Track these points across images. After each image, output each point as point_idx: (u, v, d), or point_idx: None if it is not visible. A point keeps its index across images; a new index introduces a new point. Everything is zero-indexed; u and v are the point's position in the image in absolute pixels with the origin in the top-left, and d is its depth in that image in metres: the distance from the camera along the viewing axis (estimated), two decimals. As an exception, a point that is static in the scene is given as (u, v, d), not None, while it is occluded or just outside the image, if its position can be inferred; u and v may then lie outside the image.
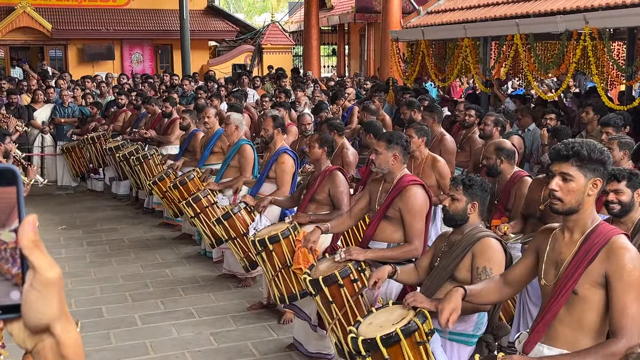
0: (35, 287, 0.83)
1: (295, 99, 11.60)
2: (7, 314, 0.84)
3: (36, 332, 0.86)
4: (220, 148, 7.98)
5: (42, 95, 12.17)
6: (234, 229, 6.33)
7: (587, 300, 2.80)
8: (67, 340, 0.87)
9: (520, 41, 9.64)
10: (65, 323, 0.87)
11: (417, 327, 3.15)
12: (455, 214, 3.75)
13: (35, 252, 0.83)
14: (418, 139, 5.92)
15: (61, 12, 20.20)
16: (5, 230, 0.83)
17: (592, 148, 2.78)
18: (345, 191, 5.42)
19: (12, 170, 0.85)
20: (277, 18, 23.92)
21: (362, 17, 20.76)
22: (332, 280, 4.25)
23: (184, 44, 19.15)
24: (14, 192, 0.84)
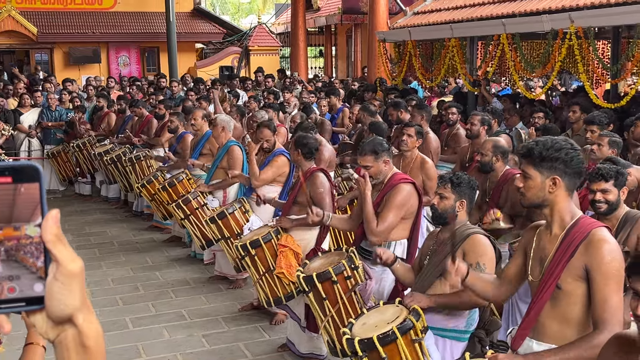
0: (59, 279, 0.87)
1: (284, 100, 11.62)
2: (31, 306, 0.87)
3: (59, 323, 0.90)
4: (209, 150, 7.97)
5: (29, 99, 12.09)
6: (227, 229, 6.34)
7: (571, 295, 2.83)
8: (89, 331, 0.90)
9: (506, 41, 9.71)
10: (87, 314, 0.90)
11: (412, 325, 3.17)
12: (444, 212, 3.78)
13: (58, 246, 0.86)
14: (416, 140, 5.96)
15: (47, 16, 20.09)
16: (30, 225, 0.86)
17: (546, 147, 2.83)
18: (326, 192, 5.39)
19: (35, 167, 0.88)
20: (263, 20, 23.89)
21: (349, 18, 20.80)
22: (325, 276, 4.27)
23: (171, 46, 19.10)
24: (37, 188, 0.87)
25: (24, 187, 0.86)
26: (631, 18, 7.94)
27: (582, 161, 2.85)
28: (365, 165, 4.61)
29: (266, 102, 10.54)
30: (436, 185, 5.84)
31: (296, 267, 5.37)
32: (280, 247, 5.46)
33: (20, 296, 0.86)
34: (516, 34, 9.56)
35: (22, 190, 0.86)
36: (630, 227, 3.81)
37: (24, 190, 0.86)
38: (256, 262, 5.49)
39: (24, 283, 0.86)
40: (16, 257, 0.86)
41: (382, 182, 4.65)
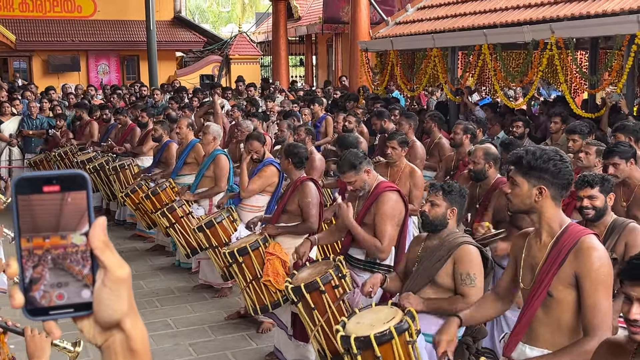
0: (107, 285, 0.88)
1: (267, 109, 11.64)
2: (80, 312, 0.89)
3: (107, 328, 0.91)
4: (194, 159, 7.97)
5: (9, 107, 11.98)
6: (215, 238, 6.33)
7: (562, 302, 2.88)
8: (136, 335, 0.92)
9: (487, 51, 9.83)
10: (134, 319, 0.92)
11: (408, 326, 3.22)
12: (435, 219, 3.83)
13: (106, 252, 0.88)
14: (401, 150, 6.01)
15: (25, 23, 19.94)
16: (76, 233, 0.88)
17: (535, 157, 2.90)
18: (314, 202, 5.43)
19: (82, 175, 0.89)
20: (243, 29, 23.92)
21: (330, 28, 20.90)
22: (313, 286, 4.30)
23: (151, 54, 19.08)
24: (84, 197, 0.89)
25: (71, 196, 0.88)
26: (610, 29, 8.10)
27: (570, 173, 2.90)
28: (349, 181, 4.69)
29: (250, 112, 10.55)
30: (422, 194, 5.93)
31: (283, 275, 5.39)
32: (268, 255, 5.49)
33: (68, 302, 0.88)
34: (497, 44, 9.69)
35: (70, 199, 0.88)
36: (618, 234, 3.89)
37: (71, 199, 0.88)
38: (243, 269, 5.50)
39: (71, 290, 0.88)
40: (63, 266, 0.87)
41: (368, 192, 4.71)
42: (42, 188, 0.87)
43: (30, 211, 0.86)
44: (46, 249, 0.87)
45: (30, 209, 0.86)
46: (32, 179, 0.87)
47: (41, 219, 0.86)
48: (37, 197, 0.87)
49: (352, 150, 5.03)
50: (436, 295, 3.78)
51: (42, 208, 0.87)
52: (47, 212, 0.87)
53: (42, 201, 0.87)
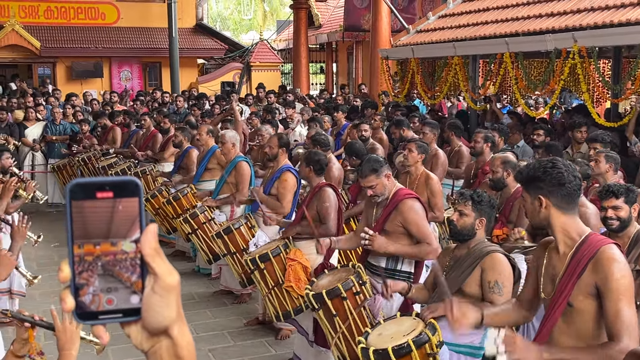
0: (157, 292, 0.89)
1: (286, 116, 11.69)
2: (128, 317, 0.90)
3: (154, 334, 0.92)
4: (217, 164, 8.01)
5: (33, 113, 12.15)
6: (233, 244, 6.36)
7: (583, 312, 2.86)
8: (183, 342, 0.92)
9: (509, 59, 9.80)
10: (181, 326, 0.92)
11: (428, 339, 3.20)
12: (463, 229, 3.81)
13: (156, 259, 0.89)
14: (417, 154, 6.00)
15: (50, 30, 20.19)
16: (126, 241, 0.88)
17: (530, 168, 2.94)
18: (332, 206, 5.44)
19: (135, 182, 0.90)
20: (264, 36, 24.05)
21: (350, 36, 20.93)
22: (335, 293, 4.31)
23: (173, 61, 19.23)
24: (136, 204, 0.89)
25: (123, 203, 0.88)
26: (633, 38, 8.04)
27: (571, 180, 2.85)
28: (370, 185, 4.68)
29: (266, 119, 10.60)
30: (441, 201, 5.92)
31: (305, 280, 5.41)
32: (289, 260, 5.51)
33: (117, 308, 0.89)
34: (519, 53, 9.65)
35: (121, 206, 0.88)
36: (642, 246, 3.85)
37: (122, 205, 0.88)
38: (265, 276, 5.53)
39: (120, 295, 0.89)
40: (112, 272, 0.88)
41: (387, 198, 4.70)
42: (96, 194, 0.87)
43: (82, 217, 0.87)
44: (97, 256, 0.88)
45: (83, 215, 0.87)
46: (85, 185, 0.87)
47: (93, 225, 0.87)
48: (90, 203, 0.87)
49: (373, 155, 5.04)
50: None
51: (95, 214, 0.87)
52: (99, 219, 0.87)
53: (95, 208, 0.87)
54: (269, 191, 6.59)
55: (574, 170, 2.92)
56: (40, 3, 20.25)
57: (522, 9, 10.42)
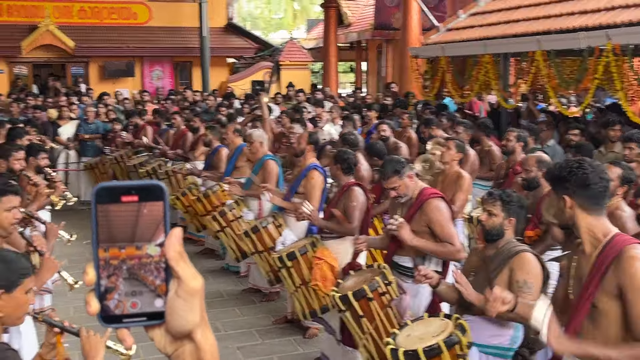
0: (181, 296, 0.89)
1: (315, 115, 11.68)
2: (152, 320, 0.90)
3: (178, 338, 0.91)
4: (245, 162, 8.06)
5: (67, 112, 12.34)
6: (261, 243, 6.39)
7: (608, 313, 2.81)
8: (206, 346, 0.92)
9: (541, 57, 9.67)
10: (204, 330, 0.92)
11: (458, 340, 3.18)
12: (492, 229, 3.76)
13: (180, 263, 0.88)
14: (455, 152, 5.95)
15: (83, 30, 20.45)
16: (151, 244, 0.89)
17: (558, 168, 2.95)
18: (359, 206, 5.43)
19: (160, 186, 0.89)
20: (294, 35, 24.08)
21: (380, 34, 20.84)
22: (361, 294, 4.30)
23: (204, 61, 19.35)
24: (161, 207, 0.89)
25: (148, 207, 0.88)
26: (669, 36, 7.89)
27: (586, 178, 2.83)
28: (392, 186, 4.66)
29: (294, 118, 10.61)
30: (466, 197, 5.86)
31: (331, 280, 5.41)
32: (316, 259, 5.51)
33: (142, 311, 0.89)
34: (551, 51, 9.52)
35: (146, 210, 0.88)
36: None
37: (147, 209, 0.88)
38: (292, 274, 5.56)
39: (145, 299, 0.89)
40: (137, 276, 0.88)
41: (411, 198, 4.67)
42: (121, 198, 0.87)
43: (107, 221, 0.87)
44: (122, 259, 0.88)
45: (108, 219, 0.87)
46: (111, 188, 0.88)
47: (118, 229, 0.87)
48: (115, 207, 0.87)
49: (394, 156, 5.02)
50: None
51: (120, 218, 0.87)
52: (124, 223, 0.87)
53: (120, 211, 0.87)
54: (296, 190, 6.61)
55: (602, 171, 2.88)
56: (74, 3, 20.53)
57: (554, 6, 10.28)
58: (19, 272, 2.70)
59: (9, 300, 2.65)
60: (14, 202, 3.62)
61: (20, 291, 2.69)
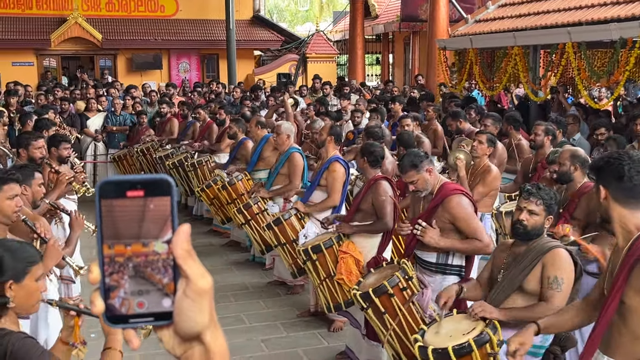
0: (189, 296, 0.85)
1: (341, 107, 11.64)
2: (160, 321, 0.86)
3: (187, 340, 0.88)
4: (270, 152, 8.06)
5: (95, 104, 12.44)
6: (283, 235, 6.39)
7: (636, 310, 2.75)
8: (215, 349, 0.88)
9: (572, 49, 9.51)
10: (214, 331, 0.88)
11: (489, 339, 3.13)
12: (533, 229, 3.66)
13: (188, 261, 0.84)
14: (487, 147, 5.86)
15: (111, 23, 20.62)
16: (158, 241, 0.85)
17: (600, 159, 2.97)
18: (388, 200, 5.35)
19: (167, 180, 0.86)
20: (321, 27, 24.00)
21: (407, 26, 20.69)
22: (382, 290, 4.27)
23: (230, 53, 19.39)
24: (168, 202, 0.85)
25: (154, 202, 0.85)
26: None
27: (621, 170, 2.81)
28: (410, 180, 4.59)
29: (320, 111, 10.58)
30: (484, 192, 5.75)
31: (356, 274, 5.38)
32: (341, 253, 5.48)
33: (149, 311, 0.85)
34: (582, 43, 9.35)
35: (152, 206, 0.84)
36: None
37: (154, 205, 0.84)
38: (317, 267, 5.54)
39: (152, 299, 0.85)
40: (144, 274, 0.85)
41: (432, 192, 4.60)
42: (126, 193, 0.84)
43: (112, 217, 0.84)
44: (127, 257, 0.84)
45: (113, 215, 0.84)
46: (116, 183, 0.84)
47: (123, 225, 0.84)
48: (120, 202, 0.84)
49: (413, 149, 4.95)
50: (525, 302, 3.65)
51: (125, 214, 0.84)
52: (130, 218, 0.84)
53: (125, 207, 0.84)
54: (318, 182, 6.59)
55: None
56: (102, -4, 20.73)
57: (585, -3, 10.11)
58: (25, 261, 2.69)
59: (19, 290, 2.65)
60: (15, 190, 3.63)
61: (29, 279, 2.68)
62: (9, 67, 19.11)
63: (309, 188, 6.81)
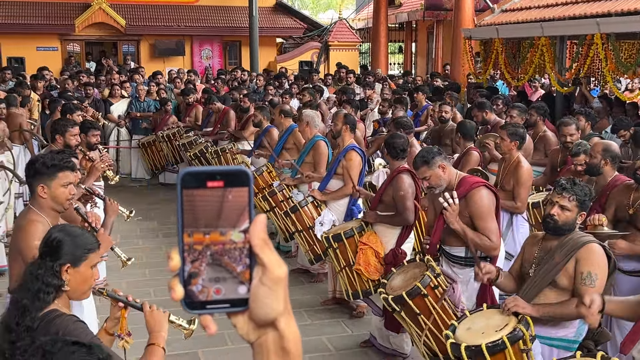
0: (265, 284, 0.87)
1: (365, 96, 11.61)
2: (235, 307, 0.89)
3: (261, 326, 0.90)
4: (294, 144, 8.06)
5: (119, 89, 12.51)
6: (300, 222, 6.47)
7: None
8: (290, 335, 0.91)
9: (600, 40, 9.39)
10: (288, 318, 0.90)
11: (522, 335, 3.12)
12: (565, 225, 3.63)
13: (265, 250, 0.87)
14: (510, 142, 5.73)
15: (135, 8, 20.68)
16: (235, 230, 0.87)
17: None
18: (407, 195, 5.32)
19: (246, 172, 0.88)
20: (343, 15, 23.89)
21: (432, 15, 20.55)
22: (416, 292, 4.25)
23: (253, 40, 19.37)
24: (246, 193, 0.88)
25: (233, 192, 0.87)
26: None
27: None
28: (424, 176, 4.58)
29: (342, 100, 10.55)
30: (525, 192, 5.68)
31: (375, 265, 5.40)
32: (361, 244, 5.49)
33: (225, 298, 0.88)
34: (611, 34, 9.23)
35: (231, 196, 0.87)
36: None
37: (232, 195, 0.87)
38: (338, 255, 5.61)
39: (228, 286, 0.88)
40: (221, 262, 0.87)
41: (452, 188, 4.57)
42: (206, 183, 0.86)
43: (193, 206, 0.86)
44: (206, 245, 0.87)
45: (193, 204, 0.86)
46: (196, 173, 0.87)
47: (203, 214, 0.86)
48: (200, 192, 0.86)
49: (427, 146, 4.93)
50: (557, 297, 3.62)
51: (205, 203, 0.86)
52: (209, 208, 0.86)
53: (205, 197, 0.86)
54: (334, 170, 6.59)
55: None
56: (126, -19, 20.78)
57: (615, -13, 9.96)
58: (84, 247, 2.74)
59: (75, 275, 2.70)
60: (70, 177, 3.65)
61: (85, 266, 2.73)
62: (34, 52, 19.26)
63: (326, 176, 6.82)
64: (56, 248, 2.67)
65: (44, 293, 2.52)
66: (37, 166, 3.60)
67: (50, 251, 2.67)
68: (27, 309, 2.44)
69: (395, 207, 5.39)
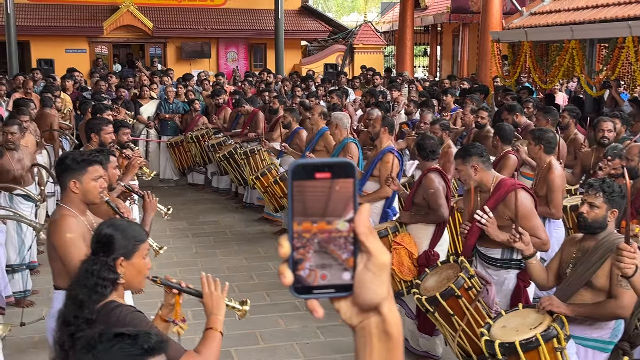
0: (371, 270, 0.91)
1: (392, 99, 11.61)
2: (340, 293, 0.93)
3: (365, 311, 0.94)
4: (324, 147, 8.08)
5: (148, 91, 12.63)
6: None
7: None
8: (392, 319, 0.94)
9: (632, 44, 9.32)
10: (391, 303, 0.94)
11: (556, 333, 3.12)
12: (594, 222, 3.65)
13: (370, 238, 0.91)
14: (535, 145, 5.73)
15: (162, 11, 20.87)
16: (341, 220, 0.91)
17: None
18: (438, 193, 5.35)
19: (351, 164, 0.92)
20: (367, 18, 23.91)
21: (457, 17, 20.49)
22: (449, 293, 4.26)
23: (278, 43, 19.44)
24: (351, 184, 0.92)
25: (339, 183, 0.91)
26: None
27: None
28: (457, 168, 4.68)
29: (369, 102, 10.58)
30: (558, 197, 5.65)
31: (408, 266, 5.39)
32: (395, 244, 5.50)
33: (330, 283, 0.92)
34: (643, 37, 9.17)
35: (337, 187, 0.91)
36: None
37: (339, 186, 0.91)
38: (371, 255, 5.58)
39: (333, 272, 0.92)
40: (327, 249, 0.91)
41: (488, 190, 4.58)
42: (315, 175, 0.91)
43: (302, 196, 0.90)
44: (313, 233, 0.91)
45: (303, 194, 0.90)
46: (306, 165, 0.91)
47: (311, 204, 0.91)
48: (309, 183, 0.91)
49: (474, 143, 4.96)
50: (593, 298, 3.62)
51: (313, 194, 0.91)
52: (317, 198, 0.91)
53: (314, 187, 0.90)
54: (371, 172, 6.61)
55: None
56: (153, -16, 20.97)
57: (647, -10, 9.89)
58: (134, 239, 2.81)
59: (129, 267, 2.77)
60: (100, 171, 3.74)
61: (137, 257, 2.80)
62: (63, 54, 19.52)
63: (362, 178, 6.84)
64: (108, 243, 2.73)
65: (101, 287, 2.58)
66: (67, 162, 3.69)
67: (103, 247, 2.73)
68: (84, 303, 2.50)
69: (428, 205, 5.42)
